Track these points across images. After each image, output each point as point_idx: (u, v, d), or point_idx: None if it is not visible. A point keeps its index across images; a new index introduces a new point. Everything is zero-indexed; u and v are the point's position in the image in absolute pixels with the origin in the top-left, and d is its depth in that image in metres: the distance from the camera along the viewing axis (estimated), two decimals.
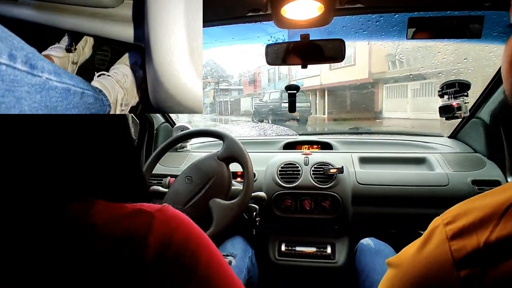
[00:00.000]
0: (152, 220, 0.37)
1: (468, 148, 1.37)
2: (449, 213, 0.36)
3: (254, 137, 1.73)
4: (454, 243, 0.33)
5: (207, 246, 0.43)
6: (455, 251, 0.32)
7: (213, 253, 0.43)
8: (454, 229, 0.34)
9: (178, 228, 0.38)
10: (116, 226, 0.35)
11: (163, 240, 0.36)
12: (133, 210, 0.37)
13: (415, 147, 1.47)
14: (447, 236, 0.34)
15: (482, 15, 0.76)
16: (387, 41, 1.15)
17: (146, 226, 0.36)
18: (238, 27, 0.99)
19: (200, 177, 0.98)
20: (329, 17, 0.79)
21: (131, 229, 0.36)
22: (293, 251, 1.22)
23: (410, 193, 1.16)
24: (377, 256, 0.91)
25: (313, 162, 1.25)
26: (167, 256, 0.36)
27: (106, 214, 0.36)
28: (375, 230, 1.25)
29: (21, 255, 0.33)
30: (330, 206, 1.17)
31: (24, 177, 0.33)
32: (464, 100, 1.18)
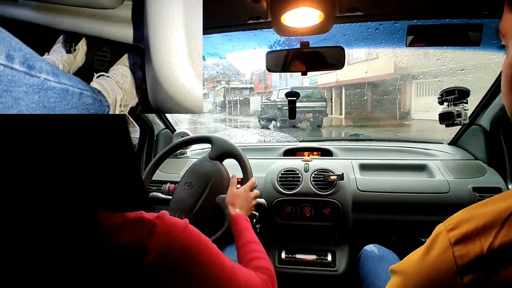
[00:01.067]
0: (154, 228, 0.37)
1: (468, 155, 1.37)
2: (452, 219, 0.36)
3: (254, 144, 1.73)
4: (457, 249, 0.33)
5: (208, 250, 0.43)
6: (458, 258, 0.32)
7: (214, 256, 0.44)
8: (457, 235, 0.33)
9: (178, 235, 0.39)
10: (118, 233, 0.36)
11: (164, 247, 0.37)
12: (134, 218, 0.38)
13: (415, 154, 1.47)
14: (450, 242, 0.34)
15: (481, 23, 0.76)
16: (387, 48, 1.15)
17: (148, 234, 0.36)
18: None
19: (199, 181, 0.99)
20: (329, 25, 0.80)
21: (133, 237, 0.36)
22: (293, 259, 1.21)
23: (411, 200, 1.15)
24: (381, 263, 0.90)
25: (313, 169, 1.25)
26: (168, 262, 0.36)
27: (107, 222, 0.36)
28: (376, 237, 1.24)
29: (26, 257, 0.33)
30: (331, 213, 1.17)
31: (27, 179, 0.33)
32: (464, 107, 1.18)
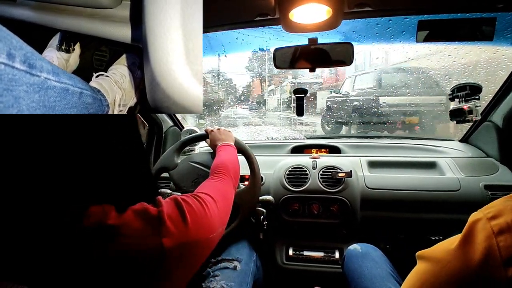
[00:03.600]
0: (161, 214, 0.40)
1: (480, 152, 1.34)
2: (492, 207, 0.34)
3: (261, 141, 1.73)
4: (501, 239, 0.31)
5: (216, 223, 0.49)
6: (503, 248, 0.30)
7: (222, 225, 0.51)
8: (501, 224, 0.31)
9: (187, 218, 0.42)
10: (127, 226, 0.37)
11: (177, 231, 0.39)
12: (141, 210, 0.39)
13: (425, 151, 1.45)
14: (493, 231, 0.32)
15: (495, 17, 0.74)
16: (397, 44, 1.13)
17: (157, 222, 0.39)
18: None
19: (204, 165, 1.07)
20: (338, 21, 0.79)
21: (143, 228, 0.38)
22: (300, 256, 1.21)
23: (420, 197, 1.14)
24: (364, 260, 0.89)
25: (321, 166, 1.24)
26: (184, 244, 0.40)
27: (114, 219, 0.37)
28: (384, 235, 1.23)
29: (40, 257, 0.34)
30: (338, 210, 1.16)
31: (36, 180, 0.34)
32: (476, 104, 1.15)
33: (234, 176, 0.77)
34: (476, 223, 0.34)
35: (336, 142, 1.58)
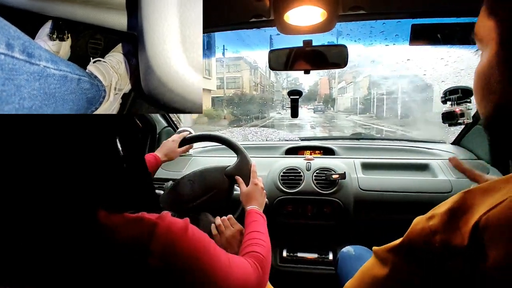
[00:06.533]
0: (155, 228, 0.38)
1: (471, 155, 1.36)
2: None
3: (256, 142, 1.73)
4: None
5: (207, 248, 0.44)
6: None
7: (212, 253, 0.45)
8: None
9: (180, 236, 0.40)
10: (117, 232, 0.36)
11: (166, 248, 0.37)
12: (135, 218, 0.38)
13: (418, 153, 1.47)
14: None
15: None
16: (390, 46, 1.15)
17: (148, 234, 0.37)
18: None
19: (202, 186, 0.99)
20: (332, 23, 0.79)
21: (133, 236, 0.36)
22: (294, 257, 1.21)
23: (413, 199, 1.15)
24: (357, 262, 0.88)
25: (315, 168, 1.25)
26: (171, 263, 0.37)
27: (106, 221, 0.36)
28: (377, 236, 1.24)
29: (29, 257, 0.33)
30: (332, 212, 1.17)
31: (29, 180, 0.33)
32: (467, 107, 1.17)
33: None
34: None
35: (330, 143, 1.58)
